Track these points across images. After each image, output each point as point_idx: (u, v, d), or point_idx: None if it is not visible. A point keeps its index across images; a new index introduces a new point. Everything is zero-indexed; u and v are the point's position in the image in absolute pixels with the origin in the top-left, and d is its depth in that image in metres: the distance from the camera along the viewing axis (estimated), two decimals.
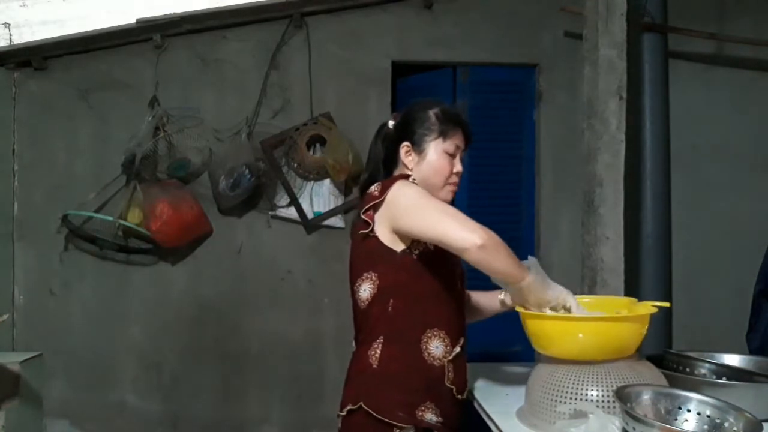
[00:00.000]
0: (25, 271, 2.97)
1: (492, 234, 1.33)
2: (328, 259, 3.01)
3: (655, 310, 1.37)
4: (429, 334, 1.43)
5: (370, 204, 1.45)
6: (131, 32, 2.94)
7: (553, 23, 3.07)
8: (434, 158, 1.50)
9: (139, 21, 2.91)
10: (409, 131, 1.53)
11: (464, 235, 1.31)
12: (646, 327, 1.34)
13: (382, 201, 1.43)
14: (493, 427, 1.43)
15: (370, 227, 1.45)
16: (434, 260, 1.42)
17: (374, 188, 1.48)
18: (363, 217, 1.47)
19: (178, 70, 3.01)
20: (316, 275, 3.03)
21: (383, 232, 1.44)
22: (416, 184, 1.48)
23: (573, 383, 1.28)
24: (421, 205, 1.39)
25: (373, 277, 1.46)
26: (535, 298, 1.36)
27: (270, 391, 3.01)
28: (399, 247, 1.44)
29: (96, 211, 2.90)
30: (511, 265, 1.34)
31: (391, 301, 1.44)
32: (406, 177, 1.49)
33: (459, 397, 1.47)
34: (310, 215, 3.00)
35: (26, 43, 2.96)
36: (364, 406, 1.39)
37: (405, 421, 1.38)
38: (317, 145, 3.00)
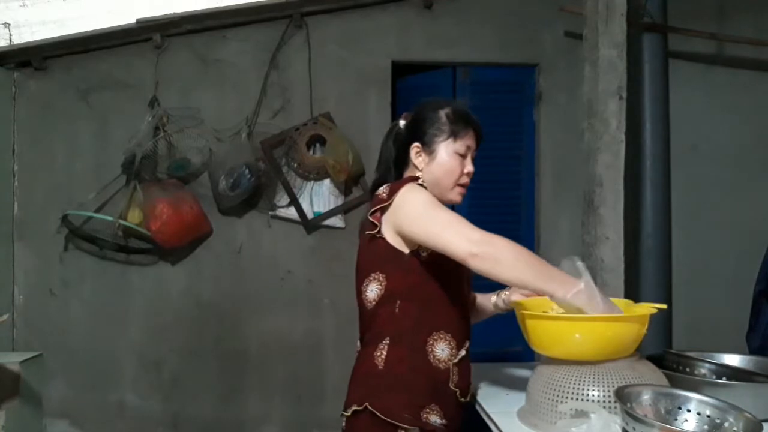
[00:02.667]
0: (25, 271, 2.97)
1: (497, 243, 1.29)
2: (328, 259, 3.01)
3: (654, 311, 1.37)
4: (435, 337, 1.43)
5: (378, 207, 1.44)
6: (131, 32, 2.94)
7: (553, 23, 3.07)
8: (445, 159, 1.49)
9: (139, 21, 2.91)
10: (419, 132, 1.51)
11: (461, 245, 1.30)
12: (646, 327, 1.34)
13: (390, 204, 1.42)
14: (493, 428, 1.43)
15: (377, 229, 1.44)
16: (443, 262, 1.40)
17: (383, 190, 1.47)
18: (370, 219, 1.46)
19: (178, 70, 3.01)
20: (316, 275, 3.03)
21: (390, 235, 1.43)
22: (425, 186, 1.47)
23: (574, 383, 1.28)
24: (426, 214, 1.37)
25: (381, 278, 1.45)
26: (569, 311, 1.30)
27: (270, 391, 3.01)
28: (407, 249, 1.43)
29: (96, 211, 2.90)
30: (527, 275, 1.30)
31: (399, 302, 1.43)
32: (415, 179, 1.48)
33: (462, 399, 1.47)
34: (310, 215, 3.00)
35: (26, 43, 2.95)
36: (369, 407, 1.38)
37: (410, 422, 1.37)
38: (317, 145, 3.00)
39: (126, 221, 2.81)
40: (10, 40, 2.99)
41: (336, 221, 3.02)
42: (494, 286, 1.52)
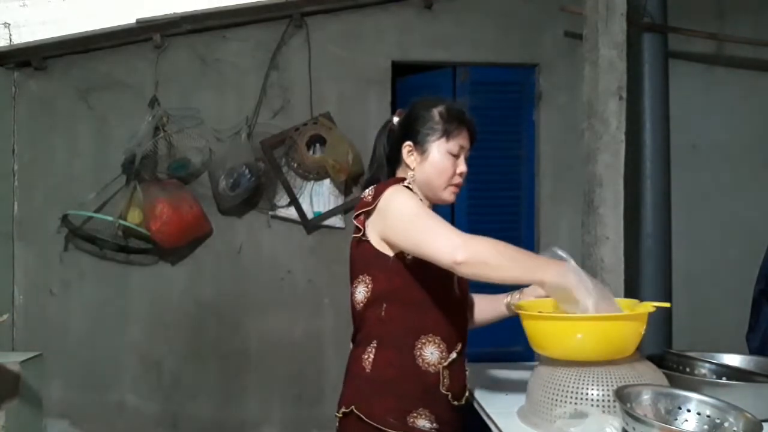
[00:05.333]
0: (25, 271, 2.97)
1: (480, 246, 1.27)
2: (328, 259, 3.01)
3: (653, 309, 1.37)
4: (423, 340, 1.41)
5: (362, 210, 1.43)
6: (131, 32, 2.94)
7: (553, 23, 3.07)
8: (437, 159, 1.45)
9: (139, 21, 2.91)
10: (412, 130, 1.48)
11: (445, 252, 1.27)
12: (644, 326, 1.34)
13: (374, 208, 1.40)
14: (493, 428, 1.43)
15: (362, 232, 1.43)
16: (428, 265, 1.37)
17: (368, 192, 1.45)
18: (355, 222, 1.45)
19: (178, 70, 3.01)
20: (316, 275, 3.03)
21: (375, 238, 1.42)
22: (411, 187, 1.45)
23: (574, 383, 1.28)
24: (408, 220, 1.35)
25: (367, 281, 1.44)
26: (562, 298, 1.29)
27: (270, 391, 3.01)
28: (391, 252, 1.41)
29: (96, 211, 2.90)
30: (516, 270, 1.28)
31: (385, 305, 1.42)
32: (401, 180, 1.46)
33: (455, 403, 1.45)
34: (310, 215, 3.00)
35: (26, 43, 2.96)
36: (355, 410, 1.38)
37: (396, 427, 1.36)
38: (317, 145, 3.00)
39: (126, 221, 2.82)
40: (10, 40, 3.00)
41: (336, 221, 3.02)
42: (495, 288, 1.51)
